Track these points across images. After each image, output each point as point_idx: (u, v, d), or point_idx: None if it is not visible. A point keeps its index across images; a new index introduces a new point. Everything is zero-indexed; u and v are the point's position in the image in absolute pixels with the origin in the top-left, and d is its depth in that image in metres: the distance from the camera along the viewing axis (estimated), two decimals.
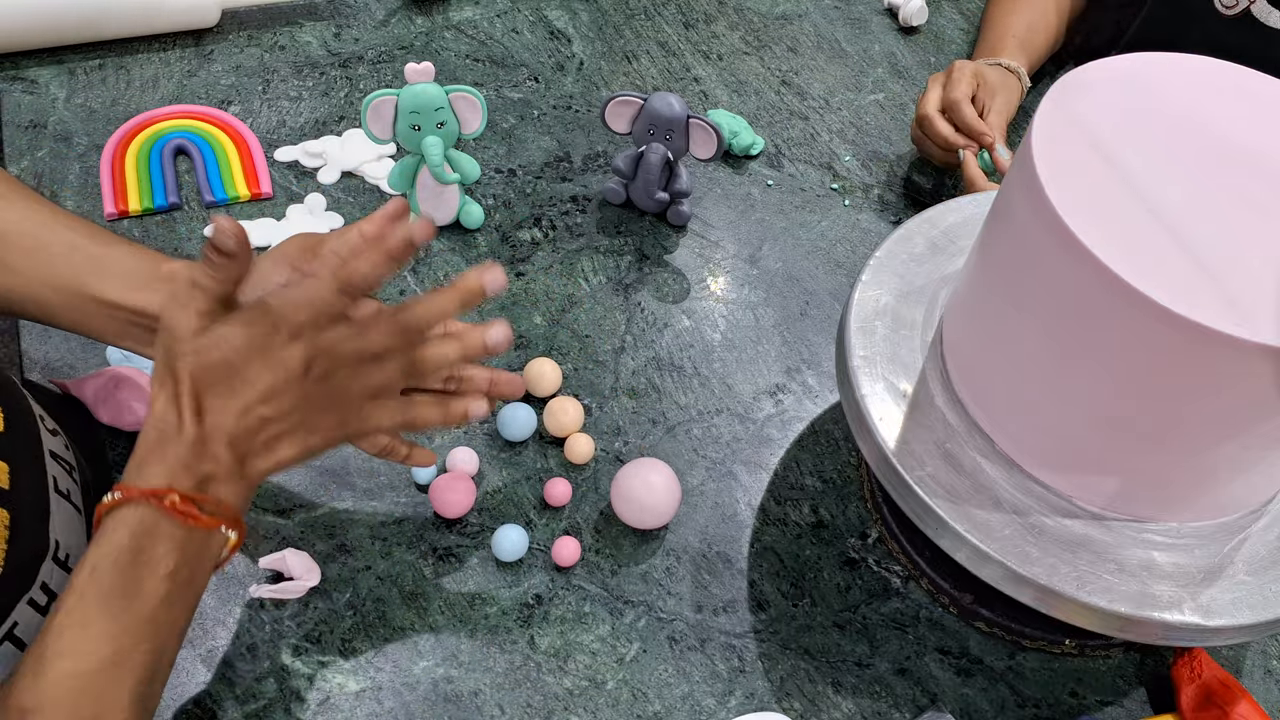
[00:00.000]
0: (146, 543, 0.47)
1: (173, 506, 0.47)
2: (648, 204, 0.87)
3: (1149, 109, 0.56)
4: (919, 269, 0.68)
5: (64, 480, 0.58)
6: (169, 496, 0.47)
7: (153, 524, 0.47)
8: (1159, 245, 0.49)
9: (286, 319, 0.50)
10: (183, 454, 0.48)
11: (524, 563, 0.68)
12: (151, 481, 0.48)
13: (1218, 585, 0.55)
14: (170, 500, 0.47)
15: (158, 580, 0.47)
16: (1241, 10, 0.86)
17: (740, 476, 0.74)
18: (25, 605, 0.52)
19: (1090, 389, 0.54)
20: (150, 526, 0.47)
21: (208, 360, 0.48)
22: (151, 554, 0.47)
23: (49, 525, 0.55)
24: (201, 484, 0.49)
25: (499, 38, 1.03)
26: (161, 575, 0.47)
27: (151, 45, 0.97)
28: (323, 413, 0.52)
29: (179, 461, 0.48)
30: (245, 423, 0.50)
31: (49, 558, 0.54)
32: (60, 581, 0.55)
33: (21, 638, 0.52)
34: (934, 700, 0.65)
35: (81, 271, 0.56)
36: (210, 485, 0.49)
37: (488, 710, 0.62)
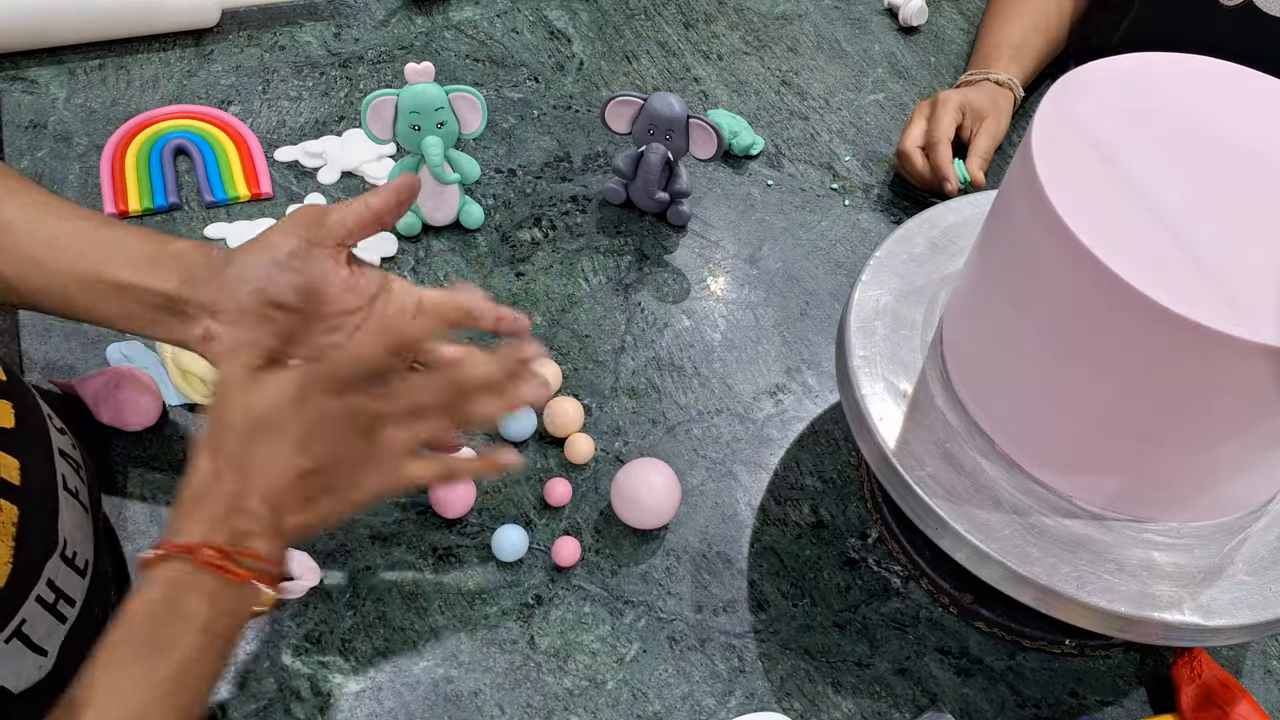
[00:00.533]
0: (180, 596, 0.47)
1: (206, 561, 0.47)
2: (648, 204, 0.87)
3: (1149, 109, 0.56)
4: (919, 269, 0.68)
5: (72, 479, 0.58)
6: (202, 550, 0.47)
7: (187, 578, 0.48)
8: (1159, 245, 0.49)
9: (333, 374, 0.50)
10: (219, 509, 0.48)
11: (524, 563, 0.68)
12: (189, 534, 0.48)
13: (1218, 585, 0.55)
14: (204, 554, 0.47)
15: (191, 634, 0.47)
16: (1243, 1, 0.86)
17: (740, 476, 0.74)
18: (33, 602, 0.52)
19: (1090, 389, 0.54)
20: (184, 580, 0.48)
21: (252, 410, 0.49)
22: (184, 607, 0.47)
23: (58, 522, 0.55)
24: (237, 538, 0.49)
25: (499, 38, 1.03)
26: (195, 629, 0.47)
27: (151, 45, 0.97)
28: (364, 466, 0.53)
29: (215, 516, 0.48)
30: (283, 476, 0.50)
31: (57, 554, 0.54)
32: (67, 579, 0.55)
33: (29, 635, 0.52)
34: (934, 700, 0.65)
35: (92, 257, 0.56)
36: (246, 540, 0.49)
37: (488, 710, 0.62)
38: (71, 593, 0.55)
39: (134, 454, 0.70)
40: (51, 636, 0.54)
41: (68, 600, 0.55)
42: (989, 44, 0.99)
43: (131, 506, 0.68)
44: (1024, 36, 0.99)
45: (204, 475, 0.49)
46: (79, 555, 0.57)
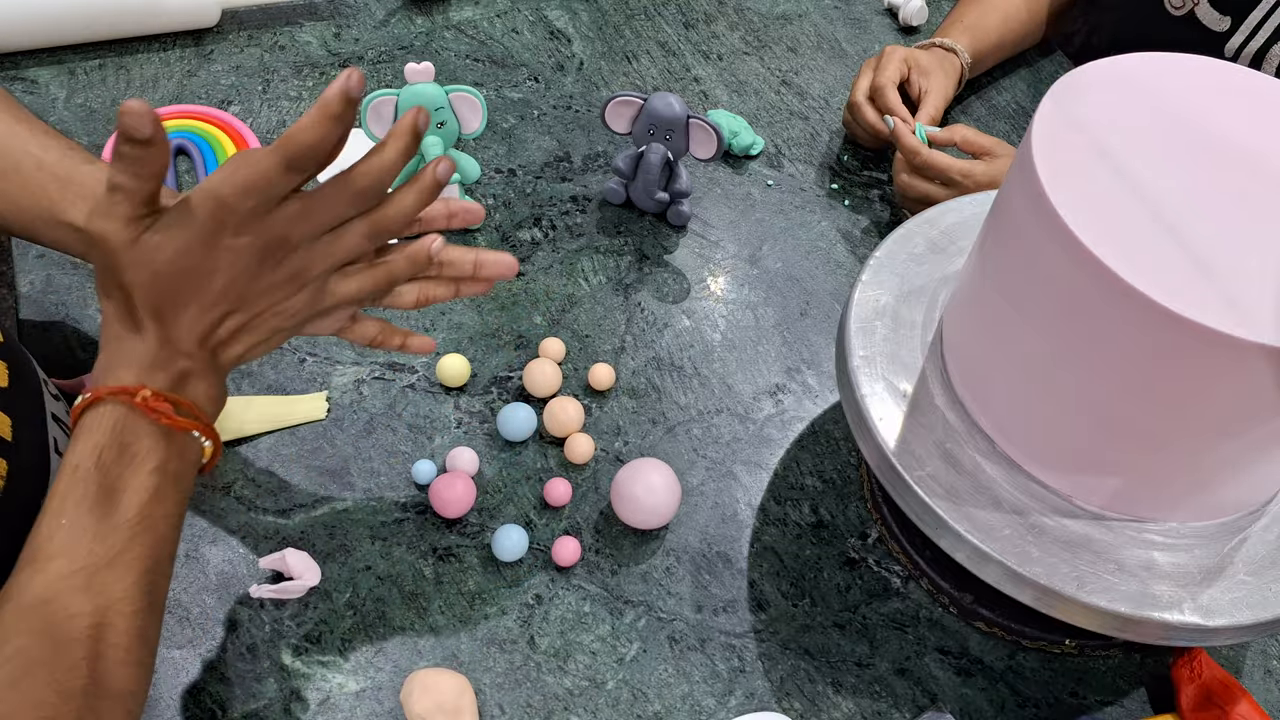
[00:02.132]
0: (128, 439, 0.46)
1: (144, 403, 0.46)
2: (648, 204, 0.87)
3: (1149, 109, 0.56)
4: (919, 269, 0.68)
5: (64, 443, 0.58)
6: (140, 393, 0.46)
7: (130, 421, 0.46)
8: (1159, 245, 0.49)
9: (231, 209, 0.47)
10: (150, 353, 0.47)
11: (524, 563, 0.68)
12: (120, 379, 0.46)
13: (1218, 585, 0.55)
14: (142, 397, 0.46)
15: (144, 475, 0.46)
16: (1187, 11, 0.90)
17: (740, 476, 0.74)
18: None
19: (1090, 389, 0.54)
20: (128, 423, 0.46)
21: (154, 267, 0.46)
22: (134, 450, 0.46)
23: (48, 483, 0.55)
24: (175, 382, 0.47)
25: (499, 38, 1.03)
26: (148, 470, 0.46)
27: (151, 45, 0.97)
28: (288, 295, 0.50)
29: (148, 361, 0.47)
30: (208, 320, 0.48)
31: None
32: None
33: None
34: (934, 700, 0.65)
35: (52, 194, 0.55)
36: (185, 382, 0.48)
37: (488, 710, 0.62)
38: None
39: None
40: None
41: None
42: (946, 21, 1.02)
43: None
44: (981, 15, 1.00)
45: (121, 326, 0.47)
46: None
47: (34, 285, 0.78)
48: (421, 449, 0.72)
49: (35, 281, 0.78)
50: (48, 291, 0.77)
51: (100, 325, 0.48)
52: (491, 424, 0.74)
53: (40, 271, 0.78)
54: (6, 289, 0.75)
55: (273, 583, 0.65)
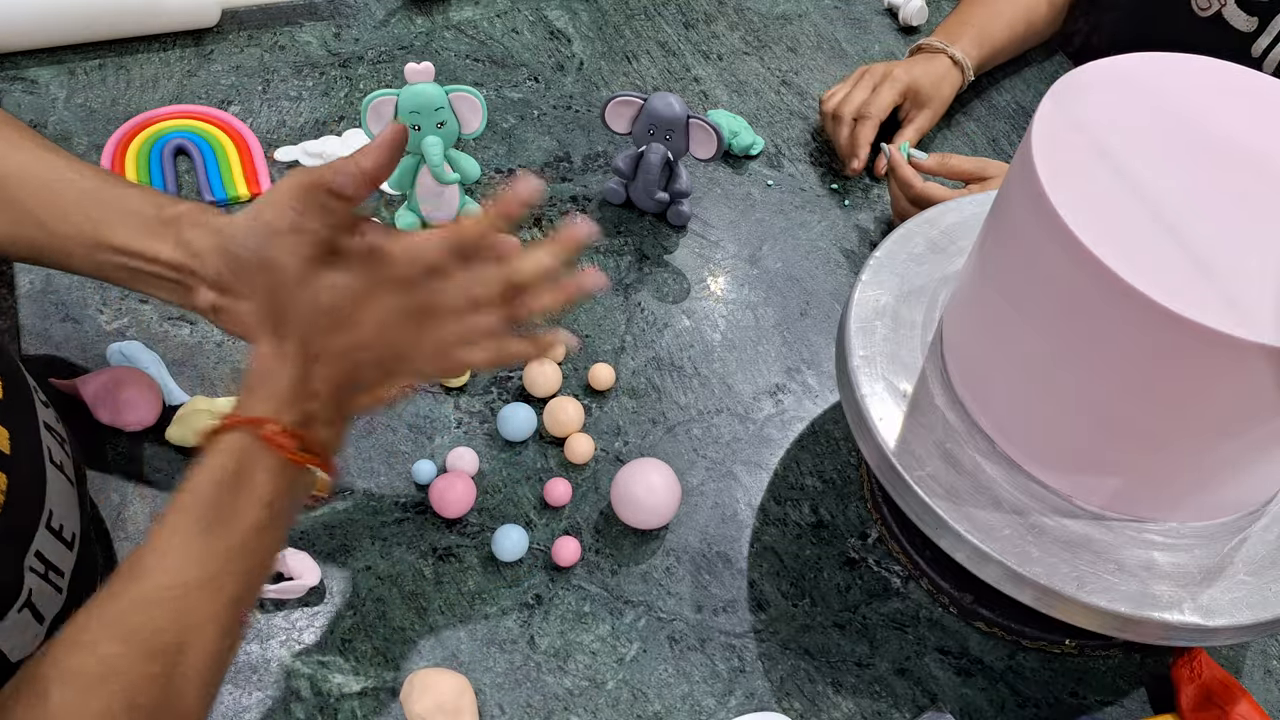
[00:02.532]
0: (246, 466, 0.48)
1: (270, 437, 0.48)
2: (648, 204, 0.87)
3: (1149, 109, 0.56)
4: (919, 269, 0.68)
5: (57, 452, 0.58)
6: (268, 426, 0.48)
7: (254, 452, 0.48)
8: (1159, 245, 0.49)
9: (396, 270, 0.51)
10: (286, 389, 0.49)
11: (524, 563, 0.68)
12: (255, 411, 0.49)
13: (1218, 585, 0.55)
14: (269, 430, 0.48)
15: (255, 506, 0.48)
16: (1214, 12, 0.89)
17: (740, 476, 0.74)
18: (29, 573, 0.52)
19: (1090, 389, 0.54)
20: (252, 453, 0.48)
21: (320, 304, 0.50)
22: (250, 480, 0.48)
23: (45, 493, 0.55)
24: (302, 421, 0.50)
25: (499, 38, 1.03)
26: (259, 502, 0.48)
27: (151, 45, 0.97)
28: (421, 355, 0.54)
29: (283, 396, 0.49)
30: (347, 365, 0.51)
31: (43, 525, 0.54)
32: (55, 550, 0.55)
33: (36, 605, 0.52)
34: (934, 700, 0.65)
35: (93, 217, 0.56)
36: (310, 424, 0.50)
37: (488, 710, 0.62)
38: (60, 564, 0.56)
39: (134, 454, 0.70)
40: (50, 607, 0.54)
41: (57, 571, 0.55)
42: (955, 19, 1.01)
43: (131, 506, 0.68)
44: (991, 17, 1.00)
45: (269, 357, 0.50)
46: (65, 528, 0.57)
47: (34, 285, 0.78)
48: (421, 449, 0.72)
49: (35, 281, 0.78)
50: (48, 291, 0.77)
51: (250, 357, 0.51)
52: (491, 424, 0.74)
53: (40, 271, 0.78)
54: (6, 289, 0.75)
55: (273, 583, 0.65)
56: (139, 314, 0.77)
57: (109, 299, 0.77)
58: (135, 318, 0.77)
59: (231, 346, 0.76)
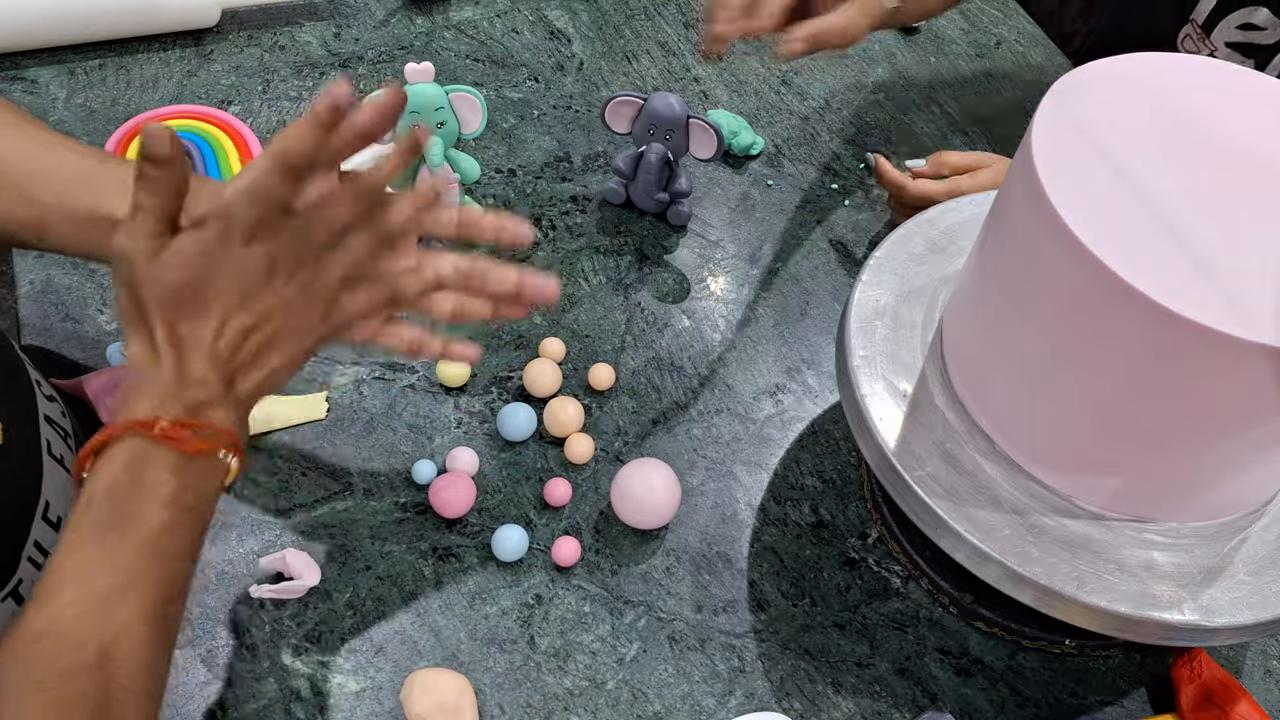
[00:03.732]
0: (141, 470, 0.46)
1: (163, 433, 0.45)
2: (648, 204, 0.87)
3: (1149, 109, 0.56)
4: (919, 269, 0.68)
5: (58, 445, 0.58)
6: (157, 424, 0.46)
7: (146, 453, 0.46)
8: (1159, 245, 0.49)
9: (236, 220, 0.47)
10: (165, 384, 0.46)
11: (524, 563, 0.68)
12: (138, 413, 0.46)
13: (1218, 585, 0.55)
14: (160, 427, 0.46)
15: (157, 506, 0.46)
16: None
17: (740, 476, 0.74)
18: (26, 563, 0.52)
19: (1090, 389, 0.53)
20: (143, 454, 0.46)
21: (169, 283, 0.46)
22: (147, 481, 0.46)
23: (41, 485, 0.55)
24: (191, 411, 0.47)
25: (499, 38, 1.03)
26: (161, 501, 0.46)
27: (151, 45, 0.97)
28: (301, 310, 0.50)
29: (163, 392, 0.46)
30: (223, 339, 0.48)
31: (39, 517, 0.54)
32: (52, 540, 0.54)
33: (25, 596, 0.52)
34: (934, 700, 0.65)
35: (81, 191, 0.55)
36: (201, 411, 0.47)
37: (488, 710, 0.62)
38: None
39: None
40: None
41: None
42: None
43: None
44: None
45: (141, 357, 0.47)
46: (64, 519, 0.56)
47: (34, 285, 0.78)
48: (421, 449, 0.72)
49: (35, 281, 0.78)
50: (47, 291, 0.77)
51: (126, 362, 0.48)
52: (491, 424, 0.74)
53: (40, 271, 0.78)
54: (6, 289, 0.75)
55: (273, 583, 0.65)
56: None
57: (109, 299, 0.77)
58: None
59: None
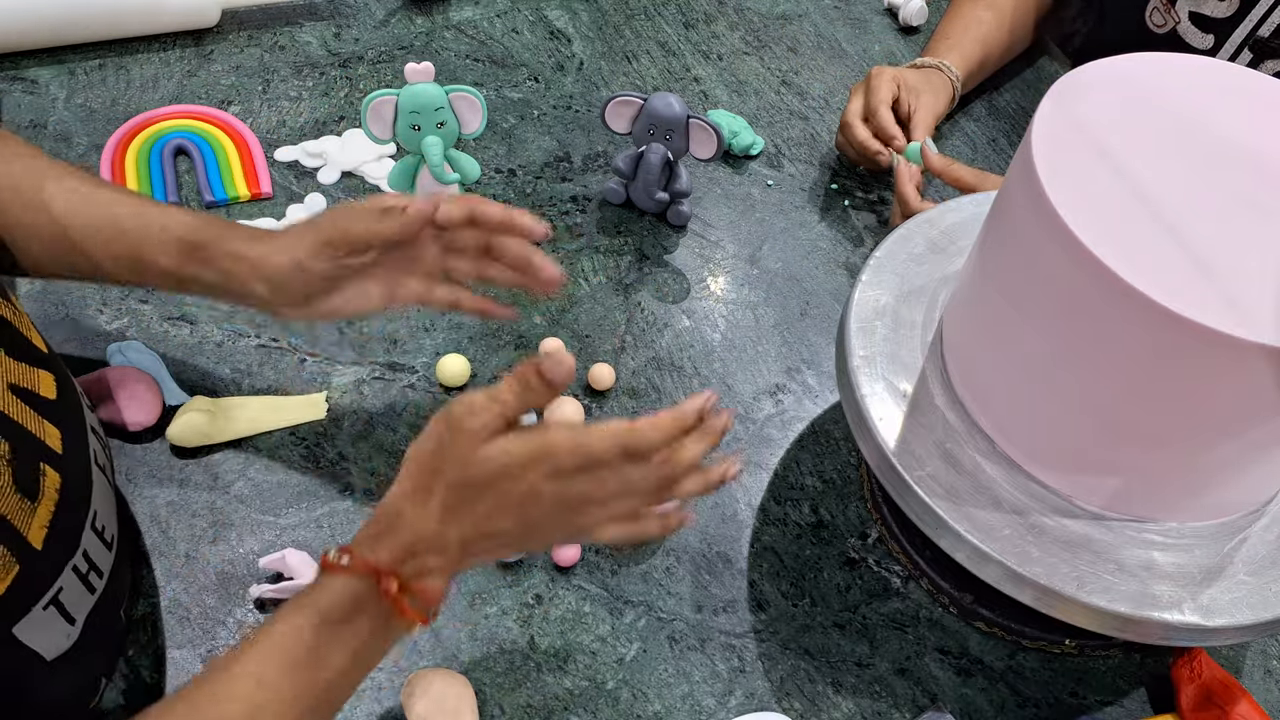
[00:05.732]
0: (354, 613, 0.48)
1: (387, 591, 0.48)
2: (648, 204, 0.87)
3: (1149, 109, 0.56)
4: (919, 269, 0.68)
5: (101, 454, 0.60)
6: (388, 581, 0.48)
7: (365, 598, 0.48)
8: (1159, 245, 0.49)
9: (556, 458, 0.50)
10: (416, 541, 0.49)
11: (524, 563, 0.68)
12: (380, 555, 0.49)
13: (1218, 585, 0.55)
14: (388, 584, 0.48)
15: (346, 653, 0.48)
16: (1169, 30, 0.88)
17: (740, 476, 0.74)
18: (69, 572, 0.53)
19: (1090, 389, 0.54)
20: (362, 600, 0.48)
21: (476, 476, 0.49)
22: (352, 626, 0.48)
23: (91, 494, 0.56)
24: (421, 573, 0.49)
25: (499, 38, 1.03)
26: (351, 649, 0.48)
27: (151, 45, 0.97)
28: (552, 530, 0.53)
29: (411, 546, 0.49)
30: (481, 531, 0.51)
31: (88, 526, 0.55)
32: (97, 551, 0.56)
33: (64, 603, 0.53)
34: (934, 700, 0.65)
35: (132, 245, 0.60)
36: (427, 577, 0.50)
37: (488, 710, 0.62)
38: (101, 564, 0.56)
39: (134, 454, 0.70)
40: (80, 606, 0.54)
41: (97, 572, 0.56)
42: (931, 41, 1.01)
43: (131, 506, 0.68)
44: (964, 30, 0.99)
45: (408, 501, 0.49)
46: (106, 529, 0.58)
47: (34, 285, 0.78)
48: None
49: (35, 281, 0.78)
50: (48, 291, 0.77)
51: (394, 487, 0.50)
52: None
53: None
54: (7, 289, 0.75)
55: (273, 583, 0.65)
56: (139, 314, 0.77)
57: (109, 299, 0.77)
58: (135, 318, 0.77)
59: (231, 346, 0.76)
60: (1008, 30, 1.02)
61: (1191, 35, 0.88)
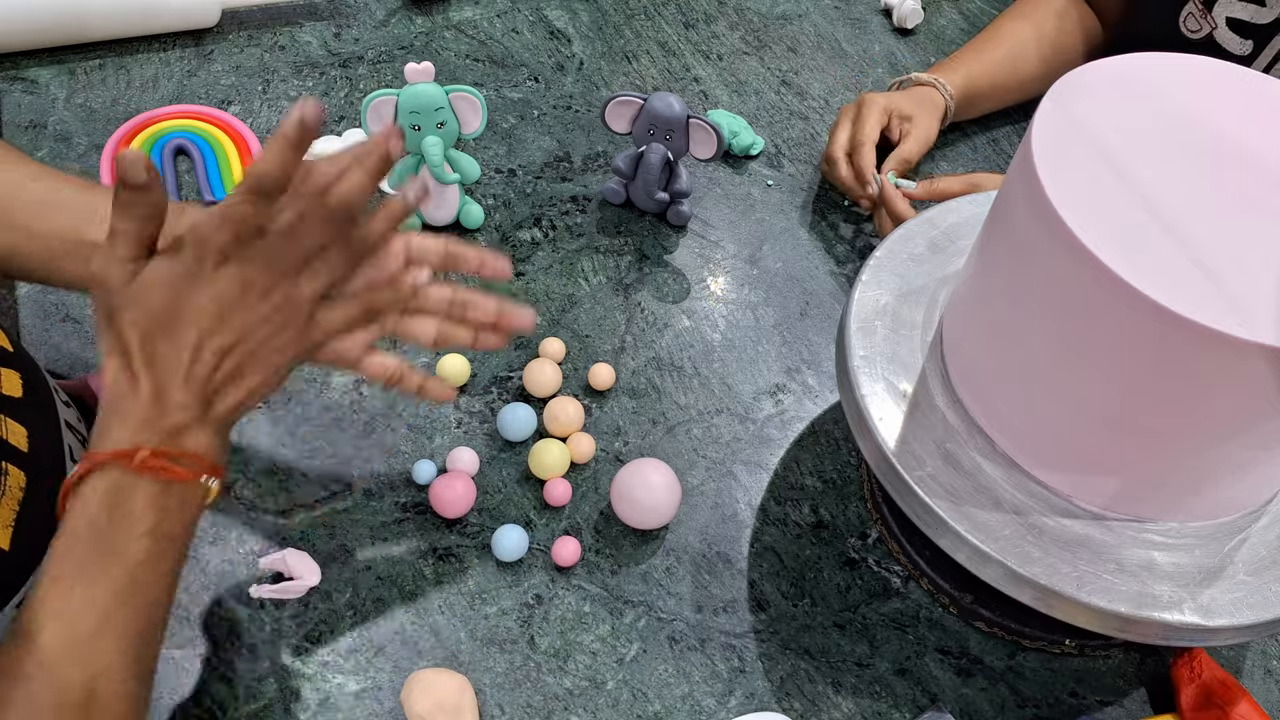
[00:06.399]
0: (121, 503, 0.46)
1: (143, 464, 0.46)
2: (648, 204, 0.87)
3: (1149, 109, 0.56)
4: (919, 269, 0.68)
5: (79, 450, 0.58)
6: (138, 454, 0.46)
7: (126, 484, 0.46)
8: (1159, 245, 0.49)
9: (209, 242, 0.47)
10: (143, 410, 0.47)
11: (524, 563, 0.68)
12: (117, 442, 0.46)
13: (1218, 585, 0.55)
14: (140, 458, 0.46)
15: (137, 539, 0.46)
16: (1205, 35, 0.87)
17: (740, 476, 0.74)
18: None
19: (1090, 389, 0.54)
20: (123, 487, 0.46)
21: (144, 306, 0.47)
22: (128, 513, 0.46)
23: None
24: (170, 437, 0.47)
25: (499, 38, 1.03)
26: (140, 534, 0.46)
27: (151, 45, 0.97)
28: (276, 329, 0.50)
29: (141, 418, 0.47)
30: (199, 361, 0.48)
31: None
32: None
33: None
34: (934, 700, 0.65)
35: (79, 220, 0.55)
36: (180, 436, 0.47)
37: (488, 710, 0.62)
38: None
39: None
40: None
41: None
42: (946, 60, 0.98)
43: None
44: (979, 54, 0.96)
45: (118, 382, 0.47)
46: None
47: (34, 285, 0.78)
48: (421, 449, 0.72)
49: None
50: (48, 291, 0.77)
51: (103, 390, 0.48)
52: (491, 424, 0.74)
53: None
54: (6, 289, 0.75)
55: (273, 583, 0.65)
56: None
57: None
58: None
59: None
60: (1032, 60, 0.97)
61: (1229, 41, 0.86)
